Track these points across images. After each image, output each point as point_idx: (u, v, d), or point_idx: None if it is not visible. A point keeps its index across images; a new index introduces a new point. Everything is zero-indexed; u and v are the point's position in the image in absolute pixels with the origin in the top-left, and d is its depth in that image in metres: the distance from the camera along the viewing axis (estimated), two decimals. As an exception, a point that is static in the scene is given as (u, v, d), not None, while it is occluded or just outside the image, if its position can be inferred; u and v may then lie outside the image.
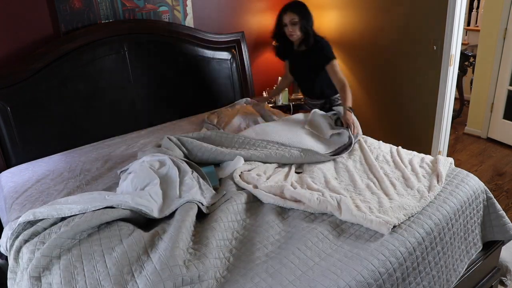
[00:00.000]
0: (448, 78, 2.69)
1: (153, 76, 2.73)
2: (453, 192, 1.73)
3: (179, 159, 1.96)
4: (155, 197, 1.66)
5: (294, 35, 2.42)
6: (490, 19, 3.56)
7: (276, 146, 2.13)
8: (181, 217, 1.53)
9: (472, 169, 3.26)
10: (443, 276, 1.59)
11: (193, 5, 2.94)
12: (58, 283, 1.30)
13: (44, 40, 2.38)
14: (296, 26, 2.38)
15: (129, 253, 1.37)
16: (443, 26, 2.61)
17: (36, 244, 1.46)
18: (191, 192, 1.68)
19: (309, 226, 1.53)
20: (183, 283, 1.24)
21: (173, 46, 2.78)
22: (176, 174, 1.80)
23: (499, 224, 1.84)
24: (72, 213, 1.55)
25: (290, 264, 1.34)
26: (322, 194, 1.67)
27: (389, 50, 3.00)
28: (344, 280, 1.27)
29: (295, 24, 2.38)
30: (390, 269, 1.37)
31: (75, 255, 1.39)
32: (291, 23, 2.39)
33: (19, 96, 2.28)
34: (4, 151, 2.31)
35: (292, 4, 2.45)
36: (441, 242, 1.57)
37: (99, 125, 2.58)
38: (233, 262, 1.40)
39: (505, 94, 3.60)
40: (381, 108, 3.23)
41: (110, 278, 1.29)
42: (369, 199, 1.65)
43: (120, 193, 1.72)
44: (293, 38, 2.44)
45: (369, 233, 1.48)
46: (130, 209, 1.57)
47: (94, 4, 2.49)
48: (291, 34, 2.42)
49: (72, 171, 2.15)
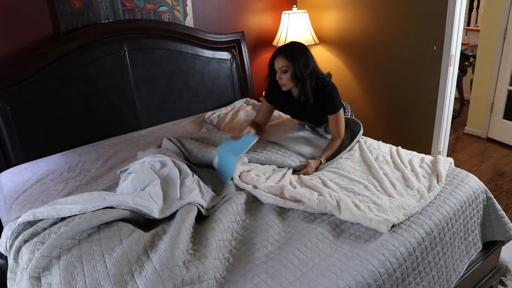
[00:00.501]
0: (448, 78, 2.69)
1: (153, 76, 2.73)
2: (453, 192, 1.73)
3: (180, 161, 1.96)
4: (155, 198, 1.66)
5: (285, 84, 2.04)
6: (490, 19, 3.56)
7: (276, 148, 2.13)
8: (181, 218, 1.53)
9: (472, 169, 3.26)
10: (443, 276, 1.59)
11: (193, 5, 2.94)
12: (58, 283, 1.30)
13: (44, 40, 2.38)
14: (286, 74, 1.99)
15: (129, 253, 1.37)
16: (443, 26, 2.61)
17: (36, 244, 1.46)
18: (191, 194, 1.68)
19: (308, 227, 1.53)
20: (183, 284, 1.24)
21: (173, 46, 2.78)
22: (177, 176, 1.80)
23: (499, 224, 1.84)
24: (72, 213, 1.55)
25: (289, 265, 1.34)
26: (321, 193, 1.67)
27: (389, 50, 3.00)
28: (344, 281, 1.27)
29: (285, 72, 1.99)
30: (390, 269, 1.37)
31: (74, 255, 1.39)
32: (281, 71, 2.00)
33: (19, 96, 2.28)
34: (4, 151, 2.31)
35: (285, 47, 2.05)
36: (441, 242, 1.57)
37: (99, 125, 2.58)
38: (233, 262, 1.40)
39: (505, 94, 3.60)
40: (381, 108, 3.23)
41: (110, 278, 1.29)
42: (368, 199, 1.65)
43: (120, 193, 1.72)
44: (284, 88, 2.07)
45: (369, 233, 1.48)
46: (130, 210, 1.57)
47: (94, 4, 2.49)
48: (281, 84, 2.04)
49: (72, 171, 2.15)
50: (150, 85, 2.73)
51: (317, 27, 3.40)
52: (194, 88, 2.94)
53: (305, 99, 2.07)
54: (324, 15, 3.37)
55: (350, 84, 3.37)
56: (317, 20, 3.41)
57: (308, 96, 2.04)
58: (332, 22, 3.34)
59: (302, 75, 1.99)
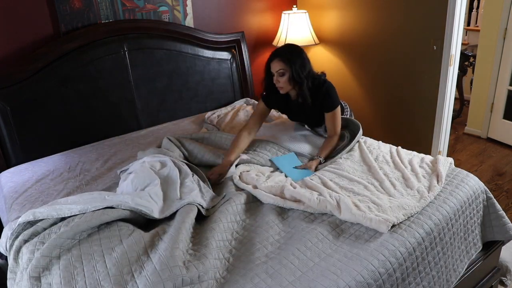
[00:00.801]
0: (448, 78, 2.69)
1: (153, 76, 2.73)
2: (453, 192, 1.73)
3: (180, 160, 1.96)
4: (155, 198, 1.66)
5: (283, 87, 2.02)
6: (490, 19, 3.56)
7: (275, 148, 2.12)
8: (181, 218, 1.53)
9: (472, 169, 3.26)
10: (443, 276, 1.59)
11: (193, 5, 2.94)
12: (58, 283, 1.30)
13: (44, 40, 2.38)
14: (284, 77, 1.98)
15: (129, 253, 1.37)
16: (443, 26, 2.61)
17: (36, 244, 1.46)
18: (191, 194, 1.68)
19: (308, 227, 1.53)
20: (183, 284, 1.23)
21: (173, 46, 2.78)
22: (177, 176, 1.80)
23: (499, 224, 1.84)
24: (72, 213, 1.55)
25: (290, 265, 1.34)
26: (321, 193, 1.67)
27: (389, 50, 3.00)
28: (344, 281, 1.27)
29: (283, 75, 1.99)
30: (390, 269, 1.37)
31: (75, 255, 1.39)
32: (278, 74, 1.99)
33: (19, 96, 2.28)
34: (4, 151, 2.31)
35: (280, 50, 2.04)
36: (441, 242, 1.57)
37: (99, 125, 2.58)
38: (233, 262, 1.40)
39: (505, 94, 3.60)
40: (381, 108, 3.23)
41: (110, 278, 1.29)
42: (368, 199, 1.65)
43: (120, 193, 1.72)
44: (282, 91, 2.05)
45: (369, 233, 1.48)
46: (130, 210, 1.57)
47: (94, 4, 2.49)
48: (279, 87, 2.03)
49: (72, 171, 2.15)
50: (150, 85, 2.73)
51: (317, 27, 3.40)
52: (194, 88, 2.94)
53: (303, 100, 2.07)
54: (324, 15, 3.37)
55: (350, 84, 3.37)
56: (317, 20, 3.41)
57: (306, 98, 2.04)
58: (332, 22, 3.34)
59: (299, 77, 1.98)
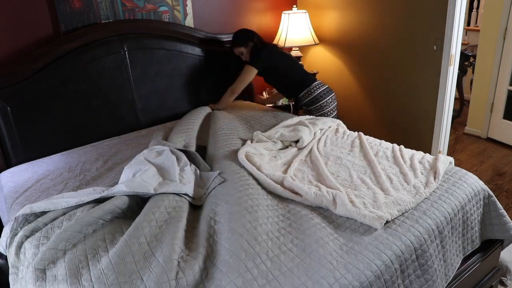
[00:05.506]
0: (448, 78, 2.69)
1: (153, 76, 2.73)
2: (449, 190, 1.74)
3: (177, 149, 2.04)
4: (148, 180, 1.72)
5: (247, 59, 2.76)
6: (490, 19, 3.56)
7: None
8: (177, 214, 1.58)
9: (472, 169, 3.26)
10: (442, 269, 1.60)
11: (193, 5, 2.94)
12: (63, 275, 1.31)
13: (44, 40, 2.39)
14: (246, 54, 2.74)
15: (131, 246, 1.40)
16: (443, 26, 2.61)
17: (40, 239, 1.48)
18: (188, 185, 1.74)
19: (307, 215, 1.57)
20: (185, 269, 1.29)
21: (173, 46, 2.78)
22: (173, 161, 1.88)
23: (499, 223, 1.84)
24: (69, 205, 1.59)
25: (288, 252, 1.38)
26: (319, 188, 1.71)
27: (389, 50, 3.01)
28: (340, 273, 1.29)
29: (242, 53, 2.76)
30: (387, 260, 1.38)
31: (79, 249, 1.42)
32: (240, 53, 2.76)
33: (19, 96, 2.28)
34: (4, 151, 2.31)
35: (233, 38, 2.78)
36: (440, 235, 1.58)
37: (99, 125, 2.58)
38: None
39: (505, 94, 3.60)
40: (381, 108, 3.23)
41: (113, 267, 1.31)
42: (364, 195, 1.68)
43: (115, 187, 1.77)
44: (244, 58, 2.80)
45: (364, 227, 1.51)
46: (127, 195, 1.63)
47: (94, 4, 2.49)
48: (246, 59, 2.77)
49: (72, 171, 2.15)
50: (150, 85, 2.73)
51: (317, 27, 3.40)
52: (194, 88, 2.94)
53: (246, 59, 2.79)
54: (324, 15, 3.37)
55: (350, 84, 3.37)
56: (317, 20, 3.41)
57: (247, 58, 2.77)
58: (332, 22, 3.34)
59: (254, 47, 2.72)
